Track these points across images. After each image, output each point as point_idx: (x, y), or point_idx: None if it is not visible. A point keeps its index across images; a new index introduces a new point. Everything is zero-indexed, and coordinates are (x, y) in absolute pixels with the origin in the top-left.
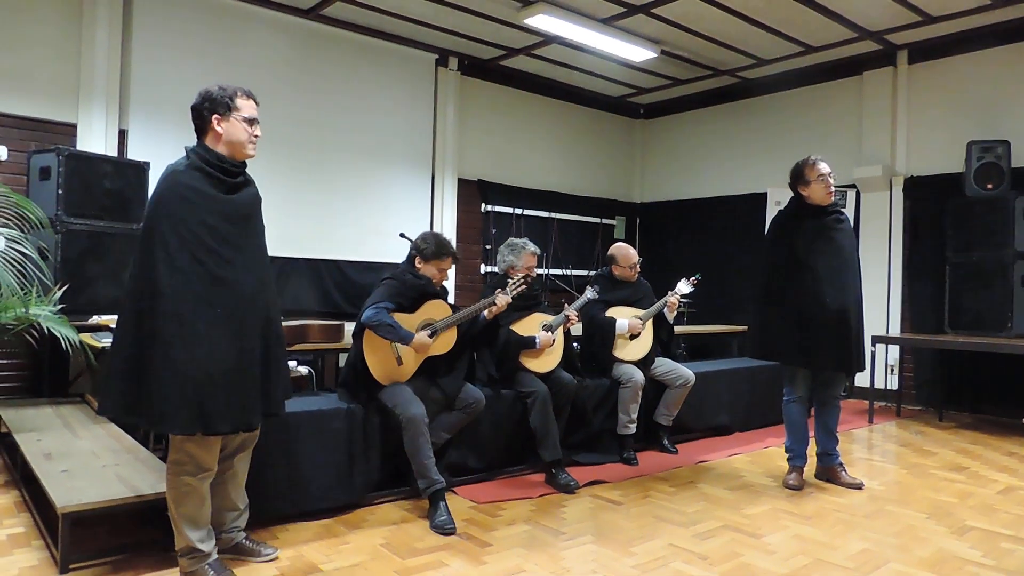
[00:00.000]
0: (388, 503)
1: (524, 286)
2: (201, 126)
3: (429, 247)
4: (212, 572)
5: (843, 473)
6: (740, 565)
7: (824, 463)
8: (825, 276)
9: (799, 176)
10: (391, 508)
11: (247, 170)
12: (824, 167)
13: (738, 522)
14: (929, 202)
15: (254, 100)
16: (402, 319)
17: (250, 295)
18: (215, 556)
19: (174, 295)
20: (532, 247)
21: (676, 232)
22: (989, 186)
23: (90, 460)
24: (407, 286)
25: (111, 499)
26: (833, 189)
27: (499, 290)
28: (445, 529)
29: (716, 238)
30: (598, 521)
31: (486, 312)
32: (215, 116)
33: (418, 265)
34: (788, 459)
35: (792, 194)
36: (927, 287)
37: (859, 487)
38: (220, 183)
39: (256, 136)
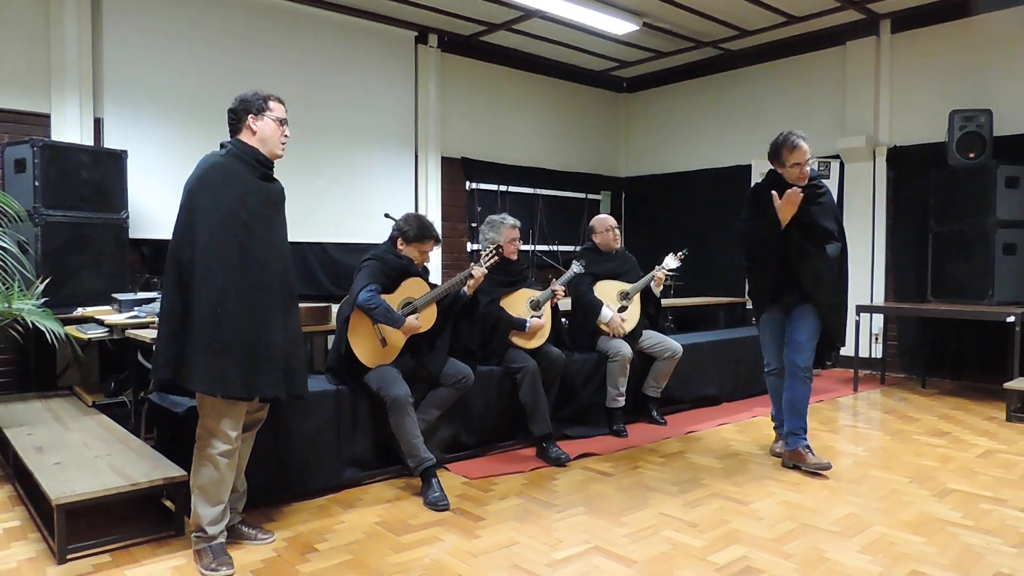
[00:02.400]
0: (380, 482)
1: (496, 256)
2: (236, 125)
3: (411, 230)
4: (210, 555)
5: (809, 455)
6: (729, 531)
7: (790, 444)
8: (796, 253)
9: (776, 155)
10: (384, 487)
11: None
12: (802, 153)
13: (726, 490)
14: (912, 172)
15: (284, 105)
16: (383, 298)
17: (278, 274)
18: (220, 540)
19: (206, 261)
20: (511, 220)
21: (661, 205)
22: (971, 155)
23: (82, 451)
24: (389, 266)
25: (105, 489)
26: (808, 172)
27: (473, 263)
28: (439, 505)
29: (701, 211)
30: (589, 493)
31: (466, 288)
32: (250, 115)
33: (400, 247)
34: (775, 427)
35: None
36: (910, 257)
37: (827, 467)
38: (255, 170)
39: (287, 136)
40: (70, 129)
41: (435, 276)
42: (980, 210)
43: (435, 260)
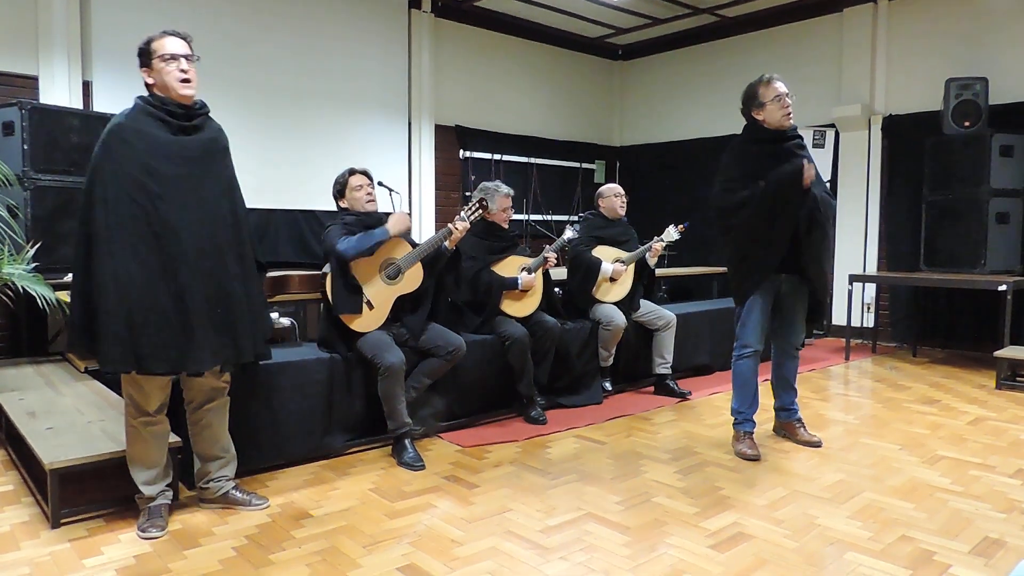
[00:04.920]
0: (374, 449)
1: (481, 210)
2: (145, 82)
3: (335, 186)
4: (146, 515)
5: (801, 429)
6: (720, 498)
7: (782, 418)
8: (807, 221)
9: (752, 97)
10: (377, 454)
11: (212, 116)
12: (781, 85)
13: (718, 458)
14: (907, 141)
15: (180, 37)
16: (360, 261)
17: (198, 238)
18: (159, 502)
19: (109, 235)
20: (505, 189)
21: (656, 175)
22: (967, 124)
23: (75, 417)
24: (351, 224)
25: (98, 454)
26: (791, 111)
27: (456, 217)
28: (415, 466)
29: (696, 181)
30: (582, 461)
31: (447, 243)
32: (143, 69)
33: (343, 206)
34: (736, 423)
35: (745, 121)
36: (904, 226)
37: (817, 444)
38: (167, 125)
39: (183, 71)
40: (58, 92)
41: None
42: (974, 179)
43: (428, 230)
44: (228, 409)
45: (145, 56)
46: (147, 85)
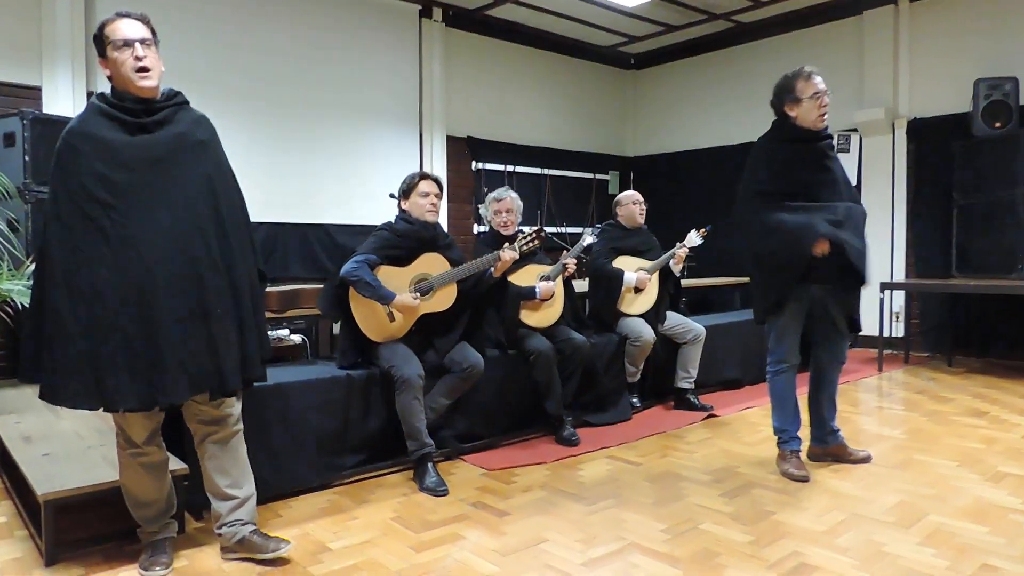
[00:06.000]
0: (394, 473)
1: (536, 242)
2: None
3: (403, 184)
4: (148, 551)
5: (849, 448)
6: (774, 524)
7: (830, 442)
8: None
9: (787, 91)
10: (397, 478)
11: (190, 106)
12: (820, 82)
13: (764, 478)
14: (934, 144)
15: (132, 17)
16: (393, 272)
17: (166, 251)
18: (162, 536)
19: (62, 256)
20: (494, 193)
21: (672, 185)
22: (997, 124)
23: (73, 442)
24: (398, 234)
25: (97, 483)
26: (827, 112)
27: (507, 244)
28: (438, 491)
29: (714, 190)
30: (618, 484)
31: (493, 269)
32: (100, 60)
33: (404, 207)
34: (780, 443)
35: (775, 116)
36: (932, 231)
37: (867, 460)
38: (125, 125)
39: (138, 59)
40: (62, 102)
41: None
42: (1007, 181)
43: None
44: (239, 442)
45: (99, 44)
46: (108, 78)
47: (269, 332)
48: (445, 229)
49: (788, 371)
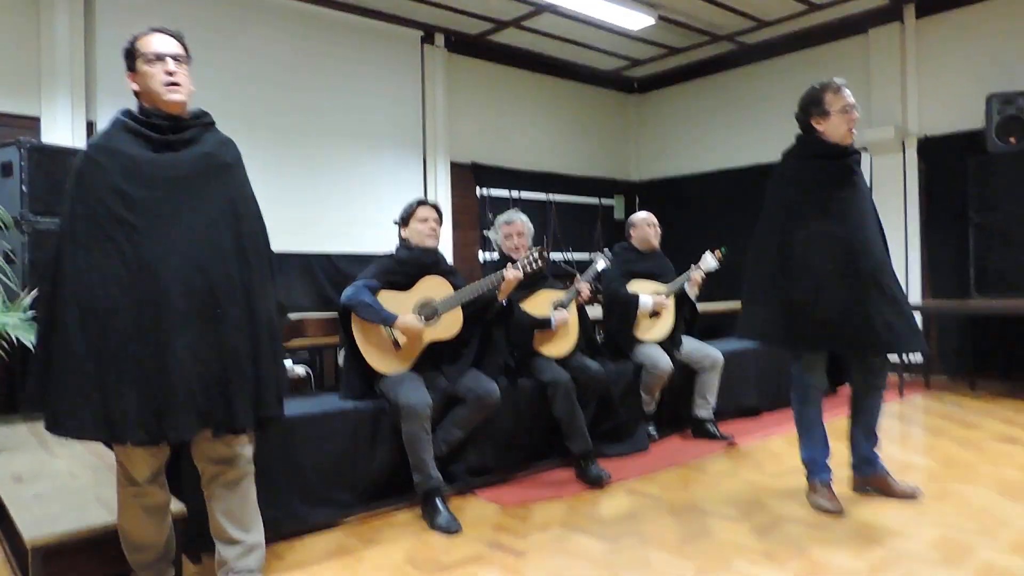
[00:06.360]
0: (403, 511)
1: (539, 260)
2: (132, 90)
3: (402, 212)
4: None
5: (893, 481)
6: (813, 563)
7: (866, 472)
8: (852, 233)
9: (815, 103)
10: (407, 516)
11: (217, 128)
12: (850, 95)
13: (794, 512)
14: (946, 161)
15: (166, 33)
16: (394, 297)
17: (184, 275)
18: None
19: (75, 274)
20: (504, 217)
21: (678, 209)
22: (1012, 140)
23: (66, 482)
24: (399, 261)
25: (89, 527)
26: (855, 126)
27: (509, 264)
28: (451, 530)
29: (721, 214)
30: (640, 519)
31: (498, 293)
32: (128, 74)
33: (404, 236)
34: (809, 474)
35: (800, 131)
36: (947, 251)
37: (914, 496)
38: (148, 141)
39: (170, 73)
40: (61, 132)
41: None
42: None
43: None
44: (250, 484)
45: (130, 58)
46: (135, 94)
47: None
48: (450, 256)
49: (814, 398)
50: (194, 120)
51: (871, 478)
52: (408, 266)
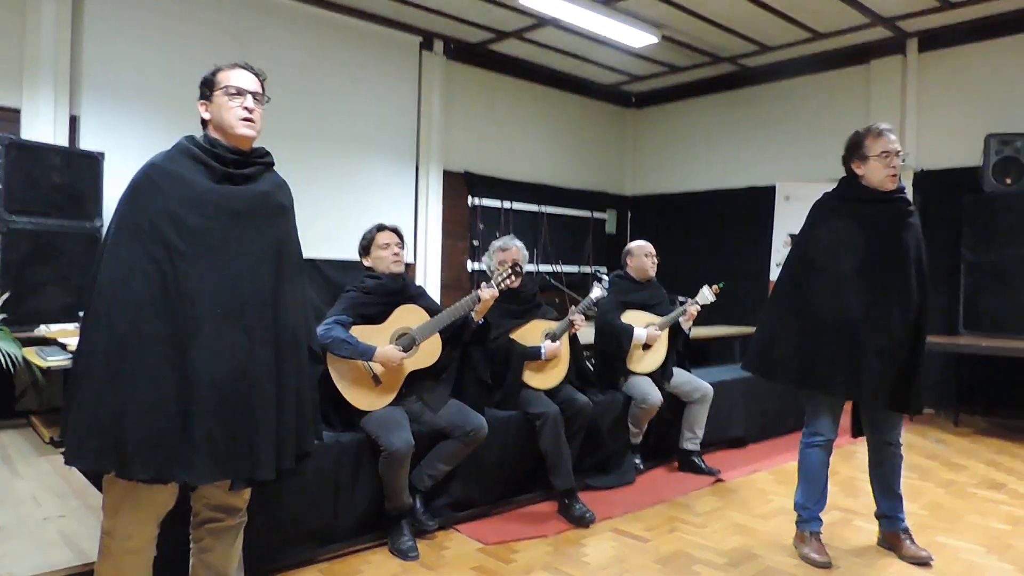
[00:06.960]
0: (382, 548)
1: (511, 277)
2: (201, 117)
3: (361, 242)
4: None
5: (908, 543)
6: None
7: (884, 527)
8: (884, 285)
9: (856, 147)
10: (386, 555)
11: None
12: (892, 140)
13: (783, 564)
14: (941, 197)
15: (250, 71)
16: (369, 331)
17: (221, 308)
18: None
19: (113, 294)
20: (499, 243)
21: (670, 227)
22: (1008, 181)
23: (29, 509)
24: (366, 291)
25: (50, 570)
26: (898, 173)
27: (483, 283)
28: (409, 555)
29: (715, 234)
30: (627, 566)
31: (474, 313)
32: (201, 103)
33: (368, 264)
34: (800, 520)
35: (845, 173)
36: (938, 287)
37: (926, 563)
38: (212, 171)
39: (247, 109)
40: (42, 127)
41: (434, 297)
42: (1019, 239)
43: (434, 280)
44: (239, 534)
45: (207, 87)
46: (202, 122)
47: None
48: (439, 266)
49: (822, 446)
50: (257, 158)
51: (887, 534)
52: (377, 295)
